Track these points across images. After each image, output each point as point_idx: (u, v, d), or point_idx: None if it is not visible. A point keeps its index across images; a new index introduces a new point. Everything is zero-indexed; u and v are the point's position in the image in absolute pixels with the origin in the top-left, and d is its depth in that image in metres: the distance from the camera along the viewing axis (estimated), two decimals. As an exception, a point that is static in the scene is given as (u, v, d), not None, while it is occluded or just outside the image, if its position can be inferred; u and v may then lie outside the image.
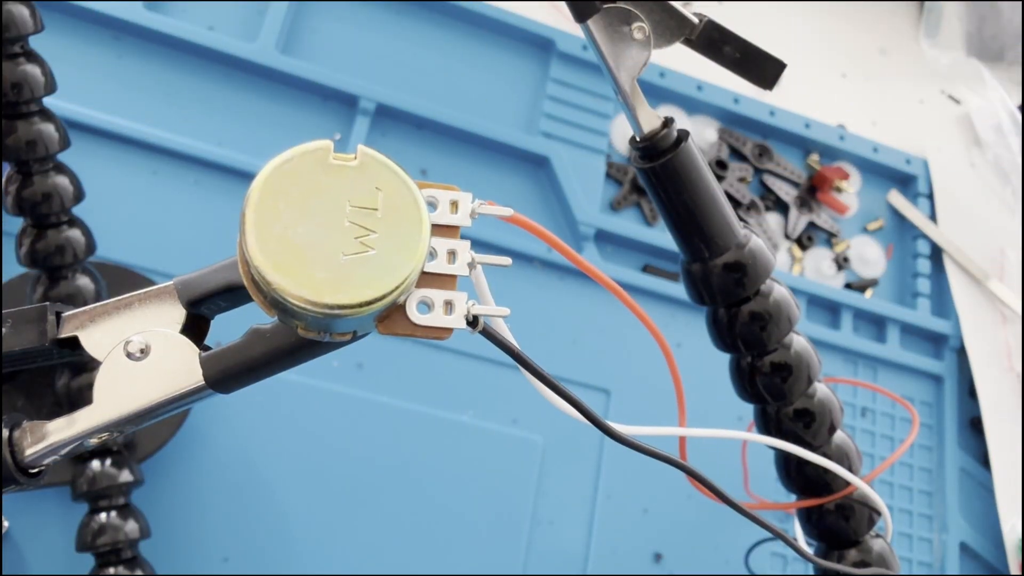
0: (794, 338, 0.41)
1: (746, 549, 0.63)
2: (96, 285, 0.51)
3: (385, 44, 0.73)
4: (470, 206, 0.28)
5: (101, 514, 0.51)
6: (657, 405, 0.67)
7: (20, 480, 0.28)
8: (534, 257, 0.69)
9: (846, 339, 0.75)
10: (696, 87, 0.79)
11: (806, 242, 0.79)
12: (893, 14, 0.96)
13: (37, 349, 0.29)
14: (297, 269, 0.25)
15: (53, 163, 0.49)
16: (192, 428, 0.58)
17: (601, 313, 0.69)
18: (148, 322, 0.29)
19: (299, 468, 0.60)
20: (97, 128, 0.62)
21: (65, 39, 0.64)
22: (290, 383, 0.61)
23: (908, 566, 0.70)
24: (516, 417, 0.65)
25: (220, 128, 0.66)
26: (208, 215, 0.63)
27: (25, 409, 0.53)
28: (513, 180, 0.72)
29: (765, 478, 0.58)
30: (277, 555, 0.58)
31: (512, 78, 0.75)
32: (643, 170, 0.38)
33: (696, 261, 0.40)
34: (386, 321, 0.27)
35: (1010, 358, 0.78)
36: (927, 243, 0.81)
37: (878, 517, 0.43)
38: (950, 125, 0.91)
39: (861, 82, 0.91)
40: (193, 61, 0.67)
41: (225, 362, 0.28)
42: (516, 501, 0.63)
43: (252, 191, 0.25)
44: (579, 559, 0.63)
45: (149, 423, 0.29)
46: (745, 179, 0.79)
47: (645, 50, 0.36)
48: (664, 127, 0.37)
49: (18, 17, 0.44)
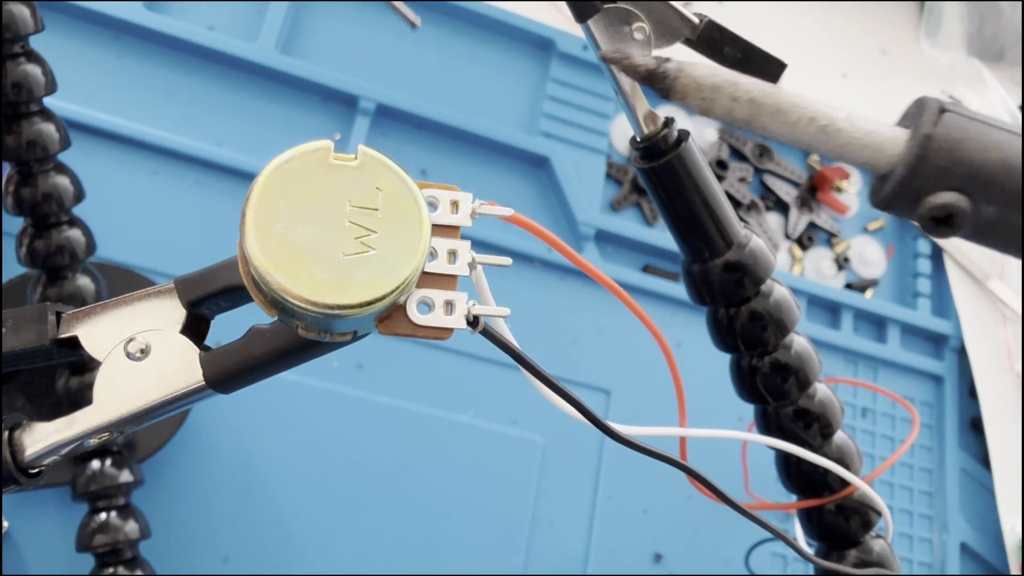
0: (794, 338, 0.41)
1: (746, 549, 0.63)
2: (96, 285, 0.51)
3: (385, 44, 0.73)
4: (470, 206, 0.28)
5: (101, 514, 0.51)
6: (657, 405, 0.67)
7: (20, 480, 0.28)
8: (534, 257, 0.69)
9: (846, 339, 0.75)
10: (696, 87, 0.79)
11: (806, 242, 0.79)
12: (893, 14, 0.96)
13: (37, 349, 0.29)
14: (297, 269, 0.25)
15: (53, 163, 0.49)
16: (192, 428, 0.58)
17: (601, 313, 0.69)
18: (148, 322, 0.29)
19: (299, 468, 0.59)
20: (97, 128, 0.62)
21: (65, 39, 0.64)
22: (290, 383, 0.60)
23: (908, 566, 0.70)
24: (516, 417, 0.65)
25: (220, 128, 0.66)
26: (208, 215, 0.63)
27: (25, 409, 0.53)
28: (513, 180, 0.72)
29: (765, 478, 0.58)
30: (277, 555, 0.58)
31: (512, 78, 0.75)
32: (643, 170, 0.38)
33: (696, 261, 0.40)
34: (386, 321, 0.27)
35: (1010, 358, 0.78)
36: (927, 243, 0.81)
37: (878, 517, 0.43)
38: (950, 125, 0.91)
39: (861, 82, 0.91)
40: (193, 61, 0.67)
41: (225, 362, 0.28)
42: (516, 501, 0.63)
43: (252, 191, 0.25)
44: (579, 559, 0.63)
45: (149, 423, 0.29)
46: (745, 179, 0.79)
47: (645, 50, 0.36)
48: (664, 127, 0.37)
49: (18, 17, 0.44)
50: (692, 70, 0.26)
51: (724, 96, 0.26)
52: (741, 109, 0.26)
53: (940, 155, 0.25)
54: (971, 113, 0.26)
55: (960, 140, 0.25)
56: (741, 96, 0.26)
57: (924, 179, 0.25)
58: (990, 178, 0.25)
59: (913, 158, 0.25)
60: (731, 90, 0.26)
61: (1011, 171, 0.25)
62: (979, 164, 0.25)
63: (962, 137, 0.25)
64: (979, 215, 0.26)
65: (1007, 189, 0.25)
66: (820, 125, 0.26)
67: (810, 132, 0.26)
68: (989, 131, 0.25)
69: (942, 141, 0.25)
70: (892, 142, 0.26)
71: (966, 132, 0.25)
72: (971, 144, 0.25)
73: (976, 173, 0.25)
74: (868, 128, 0.26)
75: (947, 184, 0.25)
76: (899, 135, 0.26)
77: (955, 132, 0.25)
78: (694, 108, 0.26)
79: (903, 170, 0.26)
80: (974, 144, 0.25)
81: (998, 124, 0.26)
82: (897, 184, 0.26)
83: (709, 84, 0.26)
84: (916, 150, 0.25)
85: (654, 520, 0.66)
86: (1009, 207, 0.25)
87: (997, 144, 0.25)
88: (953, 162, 0.25)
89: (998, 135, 0.25)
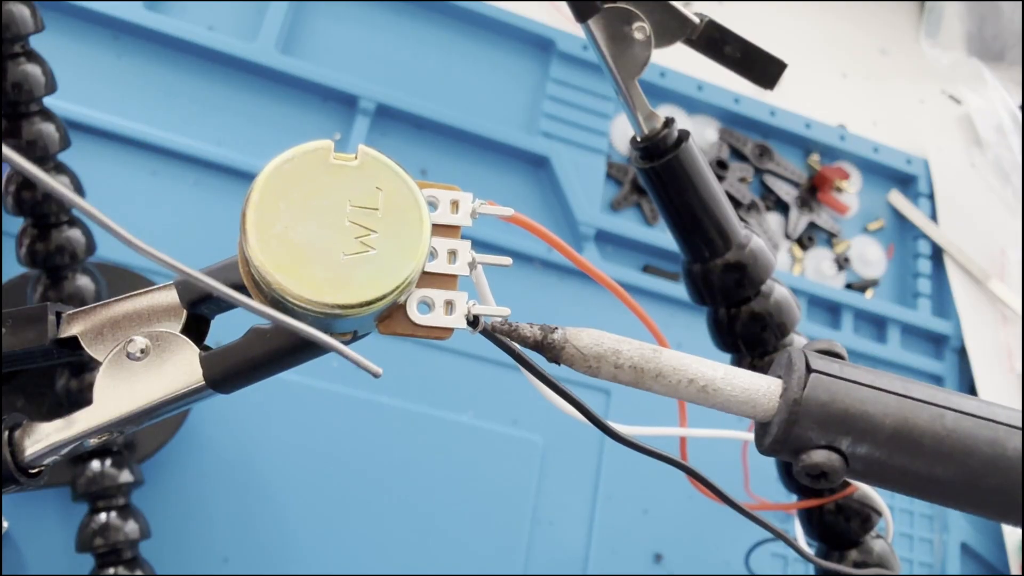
0: (795, 338, 0.41)
1: (746, 549, 0.63)
2: (96, 285, 0.51)
3: (385, 44, 0.73)
4: (471, 206, 0.28)
5: (101, 514, 0.50)
6: (657, 405, 0.66)
7: (20, 480, 0.28)
8: (534, 257, 0.69)
9: (847, 339, 0.75)
10: (696, 87, 0.79)
11: (806, 242, 0.79)
12: (893, 14, 0.96)
13: (37, 349, 0.29)
14: (298, 269, 0.25)
15: (53, 163, 0.49)
16: (192, 428, 0.58)
17: (601, 313, 0.69)
18: (148, 322, 0.29)
19: (299, 468, 0.59)
20: (97, 128, 0.62)
21: (65, 39, 0.64)
22: (290, 383, 0.60)
23: (909, 567, 0.70)
24: (516, 417, 0.65)
25: (220, 128, 0.66)
26: (208, 215, 0.63)
27: (25, 409, 0.53)
28: (513, 180, 0.72)
29: (765, 478, 0.58)
30: (277, 555, 0.58)
31: (512, 78, 0.75)
32: (644, 170, 0.38)
33: (697, 261, 0.40)
34: (387, 321, 0.27)
35: (1010, 358, 0.78)
36: (928, 243, 0.81)
37: (879, 517, 0.43)
38: (951, 125, 0.91)
39: (861, 82, 0.91)
40: (193, 61, 0.67)
41: (225, 362, 0.28)
42: (516, 501, 0.63)
43: (253, 191, 0.25)
44: (579, 559, 0.63)
45: (149, 423, 0.29)
46: (746, 179, 0.79)
47: (646, 50, 0.36)
48: (665, 127, 0.37)
49: (18, 17, 0.44)
50: (576, 340, 0.28)
51: (608, 364, 0.28)
52: (625, 375, 0.29)
53: (808, 418, 0.28)
54: (838, 371, 0.28)
55: (827, 402, 0.28)
56: (623, 364, 0.28)
57: (796, 438, 0.28)
58: (856, 436, 0.28)
59: (783, 421, 0.28)
60: (614, 358, 0.28)
61: (876, 428, 0.28)
62: (845, 423, 0.28)
63: (828, 400, 0.28)
64: (853, 466, 0.28)
65: (874, 445, 0.28)
66: (700, 386, 0.29)
67: (691, 392, 0.29)
68: (854, 390, 0.28)
69: (810, 405, 0.28)
70: (767, 397, 0.28)
71: (832, 393, 0.28)
72: (837, 405, 0.28)
73: (843, 432, 0.28)
74: (743, 385, 0.28)
75: (817, 442, 0.28)
76: (773, 390, 0.28)
77: (821, 395, 0.28)
78: (582, 372, 0.29)
79: (776, 429, 0.28)
80: (840, 404, 0.28)
81: (863, 380, 0.28)
82: (773, 441, 0.28)
83: (593, 354, 0.28)
84: (785, 414, 0.28)
85: (654, 520, 0.66)
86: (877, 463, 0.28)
87: (861, 401, 0.28)
88: (821, 423, 0.28)
89: (862, 393, 0.28)
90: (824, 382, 0.28)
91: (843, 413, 0.28)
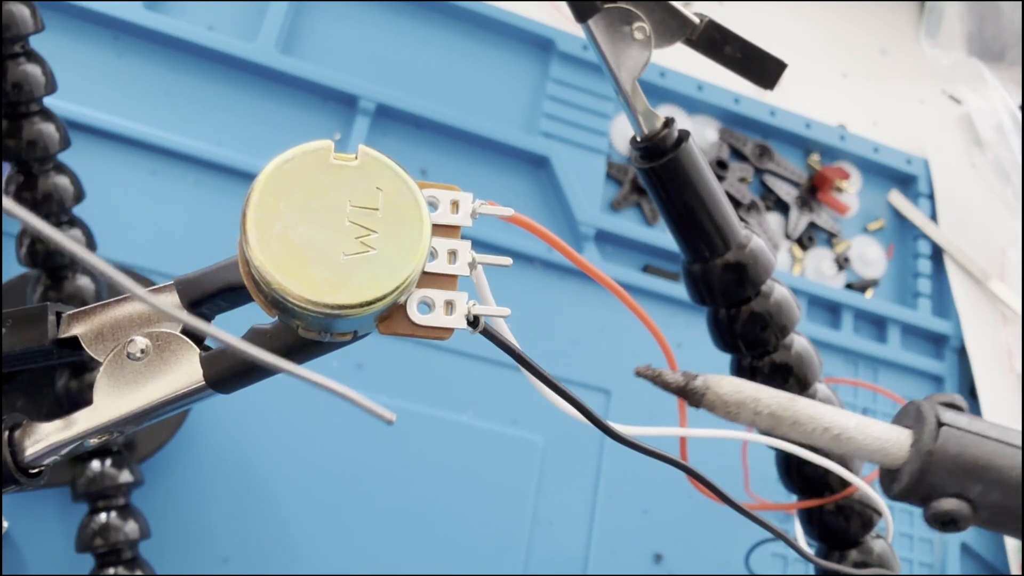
0: (795, 338, 0.41)
1: (746, 550, 0.63)
2: (96, 285, 0.51)
3: (385, 44, 0.73)
4: (471, 206, 0.28)
5: (101, 514, 0.50)
6: (657, 405, 0.66)
7: (20, 480, 0.28)
8: (534, 257, 0.69)
9: (847, 339, 0.75)
10: (696, 87, 0.79)
11: (807, 242, 0.79)
12: (893, 14, 0.96)
13: (37, 349, 0.29)
14: (298, 269, 0.25)
15: (53, 163, 0.49)
16: (192, 428, 0.58)
17: (601, 313, 0.69)
18: (148, 322, 0.29)
19: (299, 468, 0.59)
20: (97, 128, 0.62)
21: (65, 39, 0.64)
22: (290, 383, 0.60)
23: (909, 567, 0.70)
24: (516, 417, 0.65)
25: (220, 128, 0.66)
26: (208, 215, 0.63)
27: (25, 409, 0.53)
28: (513, 180, 0.72)
29: (765, 478, 0.58)
30: (277, 555, 0.58)
31: (512, 78, 0.75)
32: (644, 170, 0.38)
33: (697, 261, 0.40)
34: (387, 321, 0.27)
35: (1010, 358, 0.78)
36: (928, 243, 0.81)
37: (879, 517, 0.43)
38: (951, 125, 0.91)
39: (861, 82, 0.91)
40: (193, 61, 0.67)
41: (225, 362, 0.28)
42: (516, 501, 0.63)
43: (253, 191, 0.25)
44: (579, 559, 0.63)
45: (149, 423, 0.29)
46: (746, 179, 0.79)
47: (646, 50, 0.36)
48: (665, 127, 0.37)
49: (18, 17, 0.44)
50: (718, 387, 0.30)
51: (747, 411, 0.30)
52: (763, 421, 0.30)
53: (940, 469, 0.30)
54: (967, 425, 0.30)
55: (957, 454, 0.30)
56: (762, 411, 0.30)
57: (928, 487, 0.30)
58: (985, 486, 0.30)
59: (916, 471, 0.30)
60: (753, 405, 0.30)
61: (1004, 481, 0.29)
62: (975, 475, 0.30)
63: (958, 452, 0.30)
64: (980, 514, 0.30)
65: (1003, 494, 0.30)
66: (834, 434, 0.30)
67: (825, 439, 0.30)
68: (982, 443, 0.30)
69: (941, 456, 0.30)
70: (898, 447, 0.30)
71: (962, 446, 0.30)
72: (967, 457, 0.30)
73: (973, 482, 0.30)
74: (876, 434, 0.30)
75: (947, 491, 0.30)
76: (904, 440, 0.30)
77: (952, 447, 0.30)
78: (720, 416, 0.30)
79: (908, 479, 0.30)
80: (970, 456, 0.30)
81: (990, 434, 0.30)
82: (905, 488, 0.30)
83: (734, 400, 0.30)
84: (918, 463, 0.30)
85: (654, 520, 0.66)
86: (1005, 511, 0.30)
87: (989, 455, 0.30)
88: (951, 473, 0.30)
89: (990, 446, 0.30)
90: (955, 435, 0.30)
91: (973, 464, 0.29)
